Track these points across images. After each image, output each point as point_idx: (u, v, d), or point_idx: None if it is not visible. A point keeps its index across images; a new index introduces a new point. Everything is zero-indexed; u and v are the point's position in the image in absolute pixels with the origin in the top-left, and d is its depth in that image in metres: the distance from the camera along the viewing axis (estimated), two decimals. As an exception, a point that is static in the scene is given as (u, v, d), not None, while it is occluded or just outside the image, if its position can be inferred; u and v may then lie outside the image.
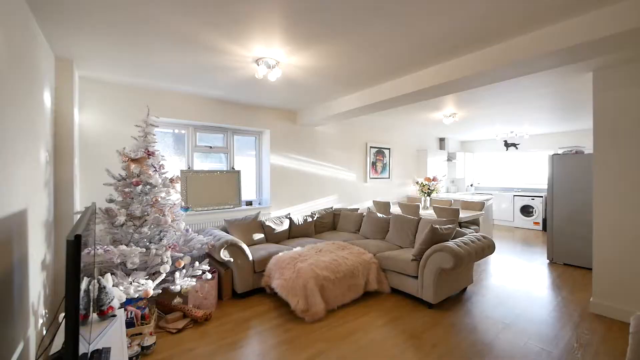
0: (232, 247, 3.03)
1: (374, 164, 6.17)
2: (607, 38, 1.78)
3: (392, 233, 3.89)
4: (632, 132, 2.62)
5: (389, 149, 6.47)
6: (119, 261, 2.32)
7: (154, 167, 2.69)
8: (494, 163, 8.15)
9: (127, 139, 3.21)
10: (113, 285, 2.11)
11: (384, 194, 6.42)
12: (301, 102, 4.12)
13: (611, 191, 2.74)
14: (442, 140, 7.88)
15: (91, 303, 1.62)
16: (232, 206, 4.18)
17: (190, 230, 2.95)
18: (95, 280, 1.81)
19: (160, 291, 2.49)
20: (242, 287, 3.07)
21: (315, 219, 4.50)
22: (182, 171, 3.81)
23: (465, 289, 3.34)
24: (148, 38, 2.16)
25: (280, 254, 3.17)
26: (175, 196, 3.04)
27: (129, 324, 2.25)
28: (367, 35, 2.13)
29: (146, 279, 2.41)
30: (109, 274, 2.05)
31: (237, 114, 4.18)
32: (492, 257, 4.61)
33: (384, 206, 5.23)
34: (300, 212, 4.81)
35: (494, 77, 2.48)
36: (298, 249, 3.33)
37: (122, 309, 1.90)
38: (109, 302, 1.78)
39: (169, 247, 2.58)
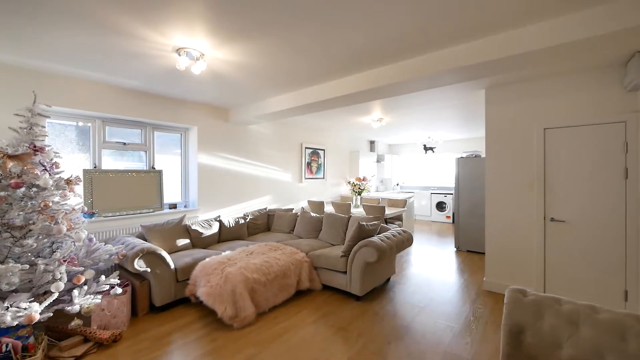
0: (149, 256, 2.71)
1: (309, 164, 6.28)
2: (491, 62, 2.17)
3: (325, 231, 4.01)
4: (512, 141, 3.23)
5: (324, 149, 6.67)
6: (-12, 283, 1.85)
7: (43, 166, 2.23)
8: (416, 164, 9.12)
9: (4, 130, 2.60)
10: (-22, 314, 1.68)
11: (319, 194, 6.58)
12: (232, 99, 3.94)
13: (497, 189, 3.33)
14: (372, 142, 8.47)
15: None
16: (151, 210, 3.75)
17: (94, 239, 2.54)
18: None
19: (52, 314, 2.08)
20: (161, 299, 2.78)
21: (248, 220, 4.35)
22: (85, 171, 3.25)
23: (389, 279, 3.64)
24: (34, 9, 1.78)
25: (207, 259, 2.97)
26: (74, 200, 2.59)
27: (5, 358, 1.83)
28: (297, 37, 2.15)
29: (30, 302, 1.98)
30: (-29, 300, 1.63)
31: (158, 108, 3.77)
32: (413, 249, 5.15)
33: (319, 206, 5.37)
34: (232, 214, 4.60)
35: (410, 87, 2.77)
36: (228, 252, 3.17)
37: (-8, 341, 1.53)
38: (-31, 336, 1.41)
39: (64, 260, 2.17)
